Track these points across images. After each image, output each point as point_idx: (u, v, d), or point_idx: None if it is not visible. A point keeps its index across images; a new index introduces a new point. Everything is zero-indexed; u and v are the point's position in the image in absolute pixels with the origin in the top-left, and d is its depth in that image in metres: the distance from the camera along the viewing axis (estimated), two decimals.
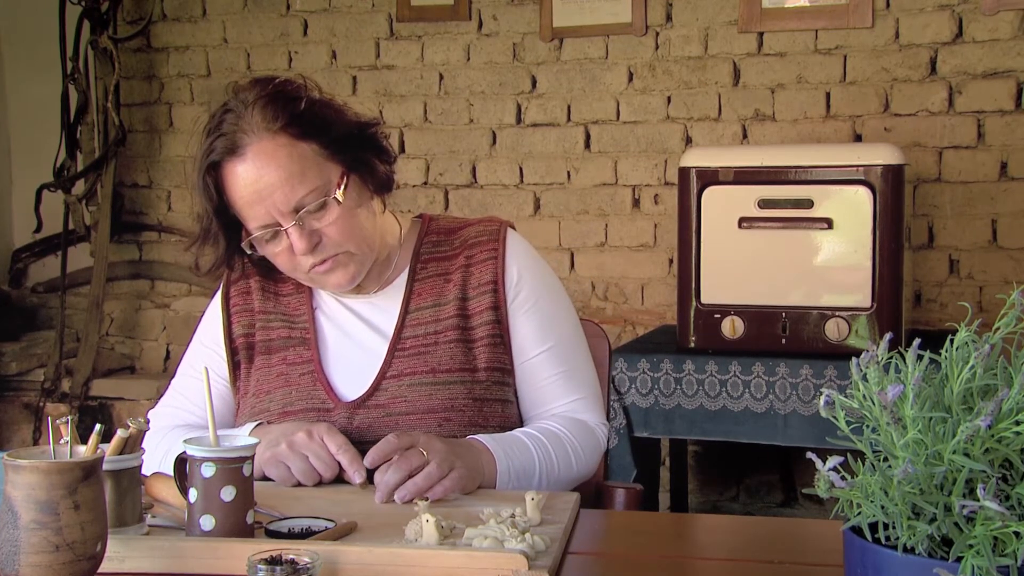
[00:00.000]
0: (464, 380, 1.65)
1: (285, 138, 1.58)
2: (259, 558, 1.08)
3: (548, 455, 1.62)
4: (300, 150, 1.58)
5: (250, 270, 1.76)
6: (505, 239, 1.73)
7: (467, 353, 1.66)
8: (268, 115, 1.58)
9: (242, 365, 1.74)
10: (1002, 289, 1.00)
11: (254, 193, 1.57)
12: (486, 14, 3.72)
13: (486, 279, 1.70)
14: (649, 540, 1.44)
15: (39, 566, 1.04)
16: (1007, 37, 3.27)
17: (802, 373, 2.75)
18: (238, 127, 1.58)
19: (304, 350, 1.70)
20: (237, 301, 1.77)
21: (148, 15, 3.96)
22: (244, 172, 1.57)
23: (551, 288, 1.76)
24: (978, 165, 3.32)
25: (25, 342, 4.06)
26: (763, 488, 3.54)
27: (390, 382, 1.65)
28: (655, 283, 3.62)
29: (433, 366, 1.65)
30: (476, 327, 1.68)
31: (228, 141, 1.58)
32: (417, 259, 1.74)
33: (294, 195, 1.57)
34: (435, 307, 1.70)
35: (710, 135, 3.55)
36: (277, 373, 1.70)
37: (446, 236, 1.76)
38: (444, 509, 1.37)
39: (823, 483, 0.95)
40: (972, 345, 0.95)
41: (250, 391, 1.71)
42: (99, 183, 3.91)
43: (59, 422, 1.20)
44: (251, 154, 1.57)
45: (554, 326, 1.73)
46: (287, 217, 1.57)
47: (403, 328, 1.69)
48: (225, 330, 1.75)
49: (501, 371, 1.68)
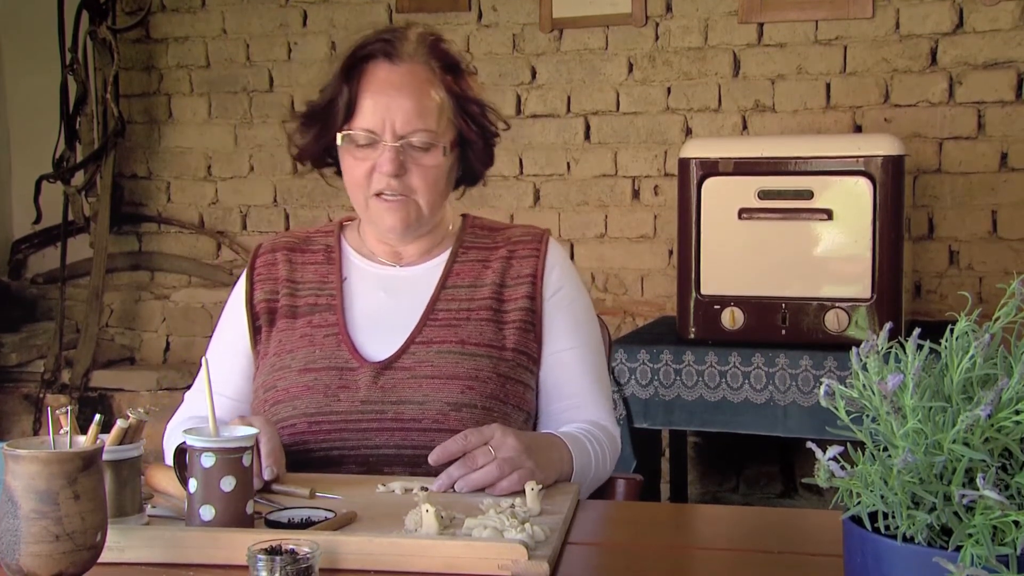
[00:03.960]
0: (491, 355, 1.67)
1: (436, 77, 1.67)
2: (259, 548, 1.08)
3: (598, 456, 1.65)
4: (440, 94, 1.67)
5: (278, 245, 1.80)
6: (548, 243, 1.78)
7: (497, 332, 1.69)
8: (431, 53, 1.68)
9: (263, 330, 1.74)
10: (1002, 280, 0.99)
11: (385, 100, 1.64)
12: (486, 5, 3.72)
13: (525, 272, 1.74)
14: (649, 530, 1.44)
15: (39, 556, 1.05)
16: (1008, 27, 3.26)
17: (802, 364, 2.76)
18: (401, 42, 1.67)
19: (330, 315, 1.72)
20: (262, 271, 1.78)
21: (147, 6, 3.95)
22: (387, 77, 1.65)
23: (585, 299, 1.82)
24: (978, 156, 3.31)
25: (25, 333, 4.06)
26: (763, 479, 3.54)
27: (419, 347, 1.67)
28: (655, 274, 3.62)
29: (463, 338, 1.67)
30: (509, 311, 1.71)
31: (389, 47, 1.66)
32: (460, 244, 1.78)
33: (415, 124, 1.64)
34: (471, 287, 1.73)
35: (710, 126, 3.54)
36: (301, 335, 1.71)
37: (489, 232, 1.81)
38: (444, 499, 1.37)
39: (823, 473, 0.95)
40: (972, 335, 0.95)
41: (271, 352, 1.72)
42: (98, 174, 3.91)
43: (59, 412, 1.20)
44: (403, 69, 1.65)
45: (585, 331, 1.77)
46: (393, 136, 1.63)
47: (437, 301, 1.71)
48: (247, 296, 1.77)
49: (527, 356, 1.70)
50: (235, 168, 4.03)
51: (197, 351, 4.04)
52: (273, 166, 3.98)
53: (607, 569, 1.26)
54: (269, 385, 1.68)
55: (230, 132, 4.02)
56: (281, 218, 4.00)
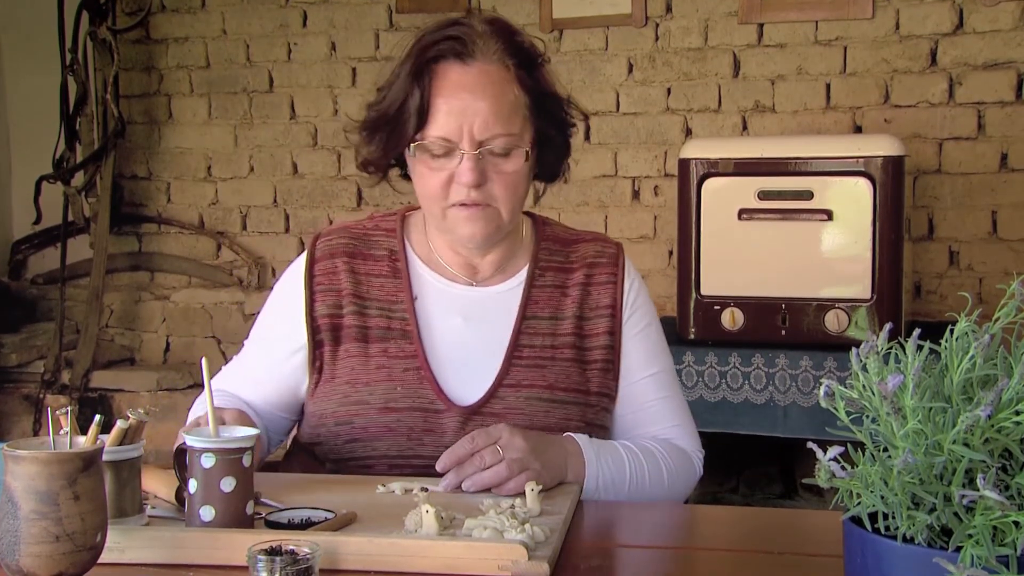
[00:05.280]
0: (578, 402, 1.62)
1: (510, 75, 1.57)
2: (259, 549, 1.08)
3: (640, 468, 1.59)
4: (516, 93, 1.57)
5: (336, 249, 1.68)
6: (623, 266, 1.71)
7: (581, 375, 1.64)
8: (505, 49, 1.57)
9: (325, 346, 1.63)
10: (1002, 280, 0.99)
11: (460, 104, 1.53)
12: (486, 5, 3.71)
13: (604, 302, 1.68)
14: (649, 531, 1.44)
15: (39, 556, 1.05)
16: (1008, 28, 3.26)
17: (802, 364, 2.76)
18: (472, 39, 1.56)
19: (407, 344, 1.62)
20: (322, 280, 1.66)
21: (147, 6, 3.95)
22: (461, 79, 1.54)
23: (655, 318, 1.76)
24: (978, 156, 3.31)
25: (25, 334, 4.06)
26: (763, 479, 3.54)
27: (507, 391, 1.60)
28: (655, 275, 3.62)
29: (551, 382, 1.61)
30: (591, 349, 1.66)
31: (459, 44, 1.55)
32: (536, 263, 1.69)
33: (494, 128, 1.54)
34: (552, 320, 1.66)
35: (710, 126, 3.54)
36: (377, 365, 1.61)
37: (562, 246, 1.72)
38: (444, 500, 1.37)
39: (823, 473, 0.95)
40: (972, 335, 0.95)
41: (341, 378, 1.62)
42: (98, 175, 3.91)
43: (59, 413, 1.20)
44: (477, 69, 1.55)
45: (660, 354, 1.73)
46: (472, 144, 1.53)
47: (520, 335, 1.64)
48: (307, 306, 1.65)
49: (608, 397, 1.66)
50: (235, 169, 4.03)
51: (197, 352, 4.04)
52: (273, 166, 3.98)
53: (607, 569, 1.26)
54: (343, 419, 1.60)
55: (230, 132, 4.02)
56: (281, 218, 3.99)
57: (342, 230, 1.72)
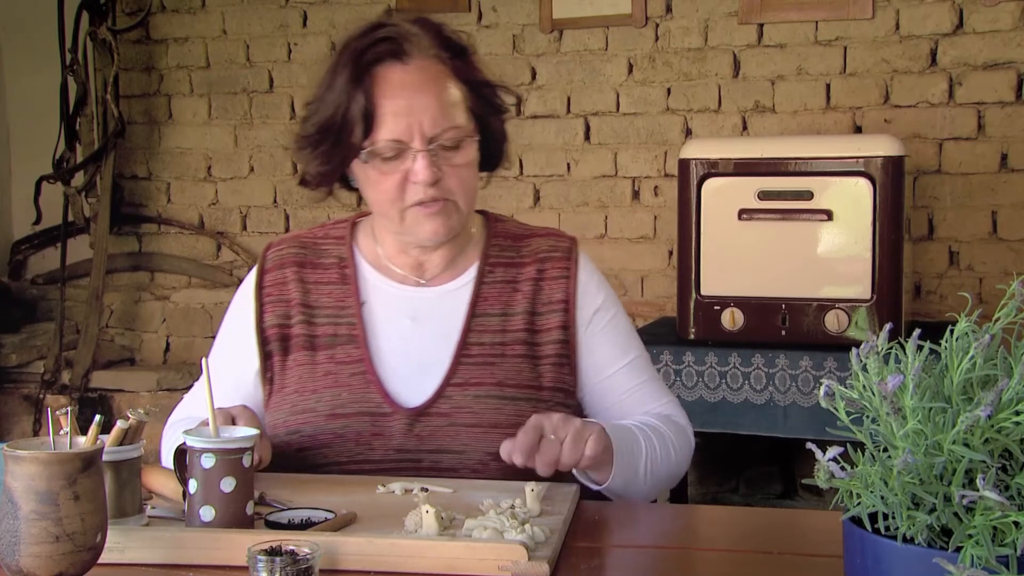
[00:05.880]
0: (530, 397, 1.60)
1: (446, 68, 1.57)
2: (259, 549, 1.08)
3: (652, 447, 1.59)
4: (456, 87, 1.58)
5: (286, 259, 1.68)
6: (577, 259, 1.69)
7: (533, 370, 1.61)
8: (437, 43, 1.58)
9: (275, 357, 1.64)
10: (1002, 280, 0.99)
11: (407, 104, 1.53)
12: (486, 5, 3.72)
13: (557, 297, 1.65)
14: (649, 531, 1.44)
15: (39, 556, 1.05)
16: (1008, 28, 3.26)
17: (802, 365, 2.75)
18: (404, 38, 1.56)
19: (353, 348, 1.61)
20: (271, 291, 1.67)
21: (147, 6, 3.96)
22: (403, 81, 1.54)
23: (618, 307, 1.73)
24: (978, 157, 3.31)
25: (25, 334, 4.06)
26: (763, 479, 3.54)
27: (454, 390, 1.58)
28: (655, 275, 3.62)
29: (500, 379, 1.59)
30: (544, 344, 1.63)
31: (394, 45, 1.55)
32: (486, 260, 1.68)
33: (442, 123, 1.54)
34: (503, 316, 1.64)
35: (710, 127, 3.54)
36: (324, 372, 1.61)
37: (514, 242, 1.71)
38: (444, 500, 1.37)
39: (823, 473, 0.95)
40: (972, 335, 0.95)
41: (289, 387, 1.62)
42: (98, 175, 3.91)
43: (59, 413, 1.20)
44: (415, 66, 1.55)
45: (630, 342, 1.71)
46: (423, 141, 1.53)
47: (469, 333, 1.62)
48: (257, 319, 1.65)
49: (563, 391, 1.64)
50: (235, 169, 4.03)
51: (197, 352, 4.04)
52: (273, 167, 3.98)
53: (607, 569, 1.26)
54: (293, 428, 1.59)
55: (230, 133, 4.02)
56: (281, 219, 3.99)
57: (292, 239, 1.73)
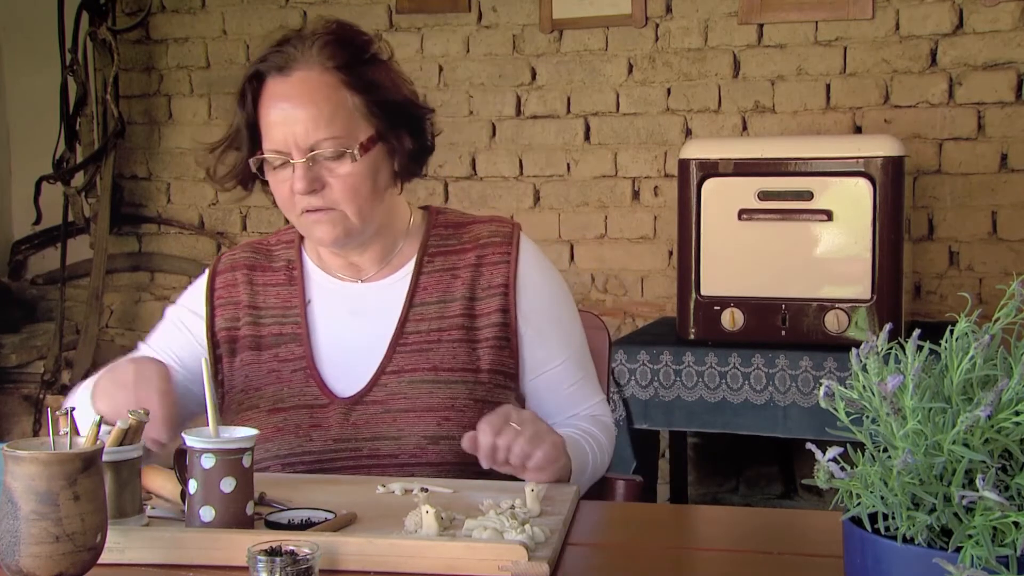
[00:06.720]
0: (466, 380, 1.61)
1: (333, 79, 1.58)
2: (259, 549, 1.08)
3: (595, 459, 1.63)
4: (341, 96, 1.58)
5: (237, 262, 1.73)
6: (518, 243, 1.69)
7: (470, 353, 1.63)
8: (326, 52, 1.59)
9: (224, 359, 1.69)
10: (1002, 281, 0.99)
11: (281, 116, 1.56)
12: (486, 5, 3.72)
13: (497, 282, 1.66)
14: (649, 531, 1.44)
15: (39, 556, 1.05)
16: (1008, 28, 3.26)
17: (802, 365, 2.76)
18: (295, 50, 1.59)
19: (296, 347, 1.65)
20: (222, 293, 1.72)
21: (147, 6, 3.95)
22: (282, 92, 1.57)
23: (561, 292, 1.74)
24: (978, 157, 3.31)
25: (25, 334, 4.06)
26: (762, 480, 3.54)
27: (389, 378, 1.61)
28: (655, 275, 3.62)
29: (435, 364, 1.61)
30: (482, 328, 1.64)
31: (281, 59, 1.58)
32: (424, 251, 1.69)
33: (314, 135, 1.55)
34: (440, 303, 1.66)
35: (710, 127, 3.54)
36: (268, 370, 1.65)
37: (455, 230, 1.72)
38: (444, 500, 1.37)
39: (823, 474, 0.95)
40: (972, 335, 0.95)
41: (236, 387, 1.67)
42: (98, 175, 3.91)
43: (59, 414, 1.20)
44: (296, 79, 1.57)
45: (570, 335, 1.72)
46: (300, 152, 1.56)
47: (406, 322, 1.64)
48: (208, 322, 1.70)
49: (504, 374, 1.65)
50: None
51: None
52: None
53: (607, 570, 1.26)
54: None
55: None
56: (281, 219, 3.97)
57: (246, 246, 1.79)
